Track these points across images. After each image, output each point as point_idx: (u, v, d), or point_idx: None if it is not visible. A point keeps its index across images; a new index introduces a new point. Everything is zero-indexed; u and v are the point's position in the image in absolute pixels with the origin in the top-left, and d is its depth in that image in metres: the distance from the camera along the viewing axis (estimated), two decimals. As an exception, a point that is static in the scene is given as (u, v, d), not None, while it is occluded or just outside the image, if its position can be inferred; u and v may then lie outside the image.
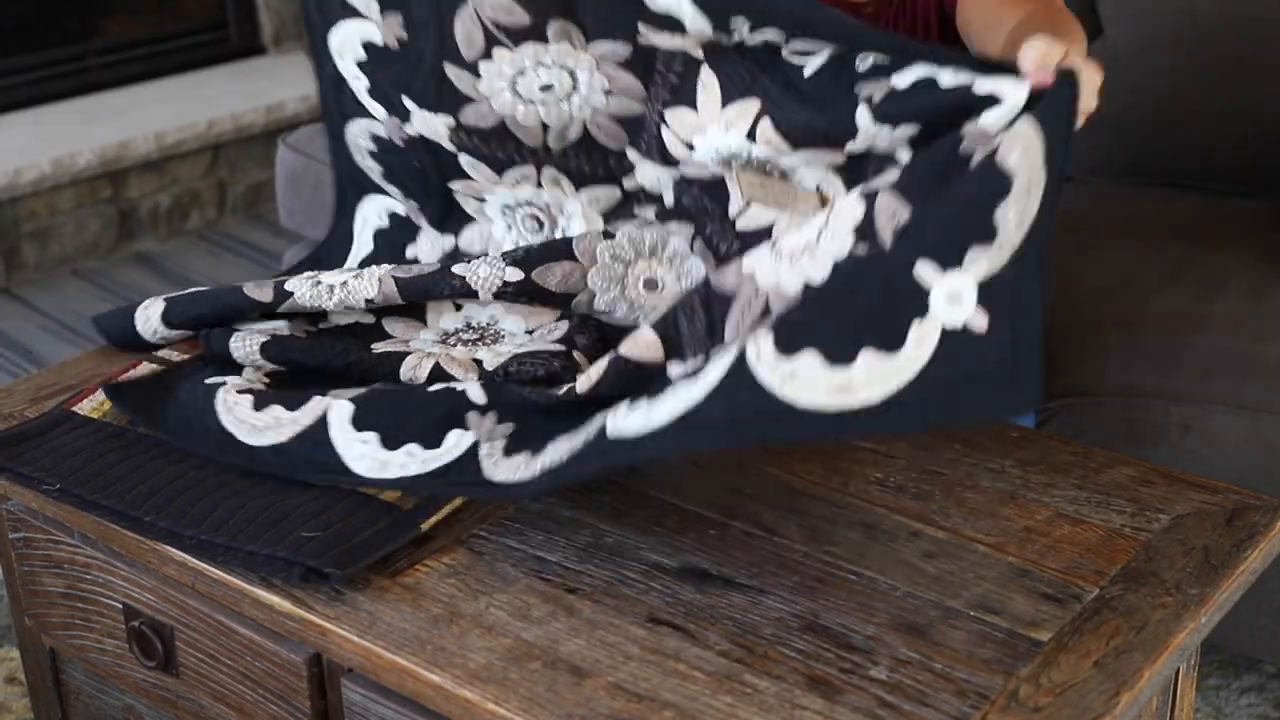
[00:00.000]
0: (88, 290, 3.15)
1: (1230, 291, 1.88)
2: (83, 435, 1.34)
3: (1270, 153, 2.15)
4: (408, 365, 1.38)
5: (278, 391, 1.34)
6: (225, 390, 1.33)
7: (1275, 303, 1.85)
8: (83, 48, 3.50)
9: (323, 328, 1.48)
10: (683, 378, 1.12)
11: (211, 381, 1.35)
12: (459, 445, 1.24)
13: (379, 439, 1.25)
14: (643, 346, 1.25)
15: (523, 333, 1.47)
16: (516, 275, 1.45)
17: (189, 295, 1.51)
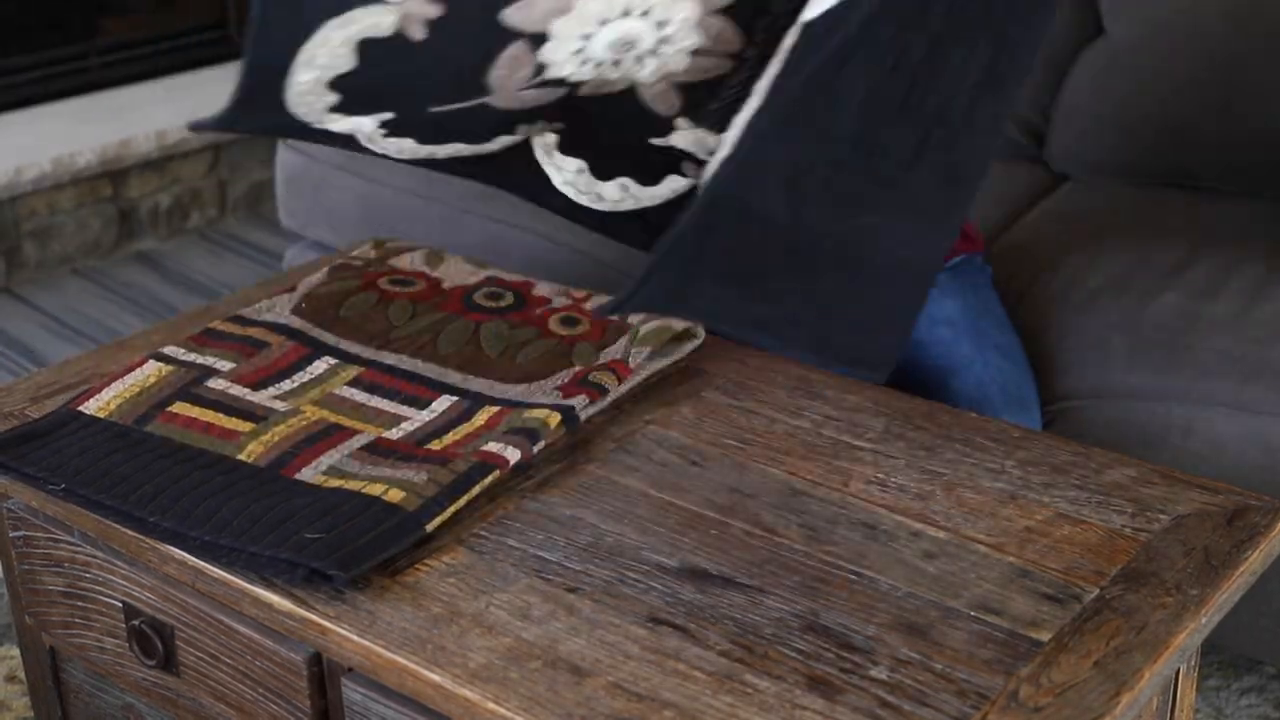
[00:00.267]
0: (88, 289, 3.15)
1: (1231, 292, 1.88)
2: (88, 435, 1.34)
3: (1270, 153, 2.15)
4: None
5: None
6: None
7: (1276, 303, 1.85)
8: (83, 47, 3.50)
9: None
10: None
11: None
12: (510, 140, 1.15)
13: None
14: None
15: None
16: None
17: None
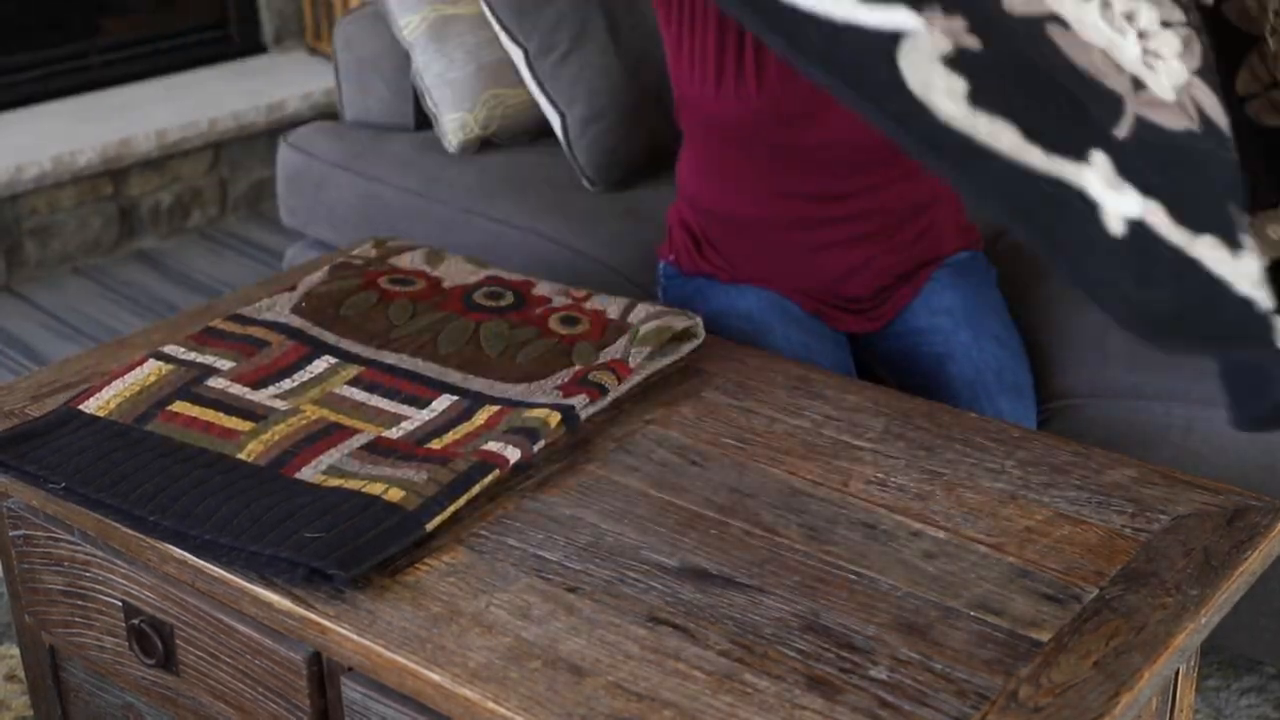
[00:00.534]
0: (89, 288, 3.15)
1: (1231, 292, 1.88)
2: (89, 434, 1.34)
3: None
4: None
5: None
6: None
7: (1276, 303, 1.85)
8: (84, 46, 3.50)
9: None
10: None
11: None
12: None
13: None
14: None
15: None
16: None
17: None
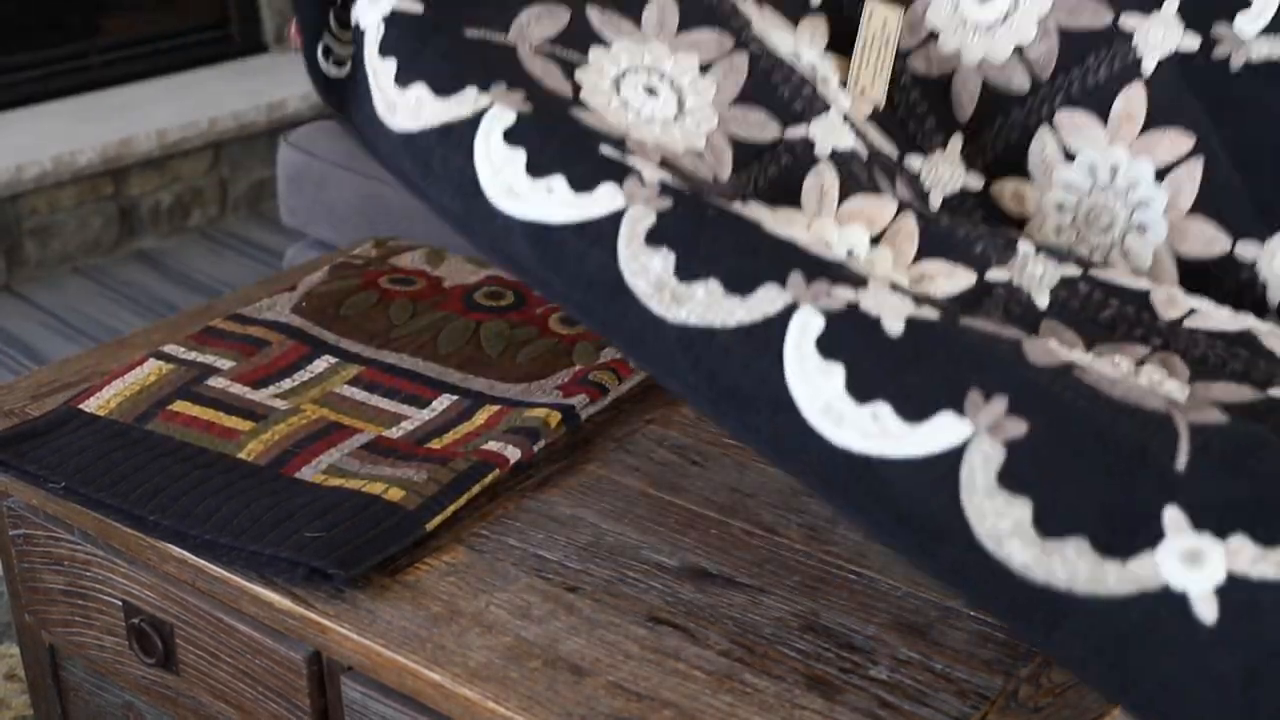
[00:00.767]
0: (89, 288, 3.15)
1: (1232, 293, 1.88)
2: (89, 433, 1.34)
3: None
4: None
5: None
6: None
7: (1277, 304, 1.85)
8: (85, 45, 3.51)
9: None
10: None
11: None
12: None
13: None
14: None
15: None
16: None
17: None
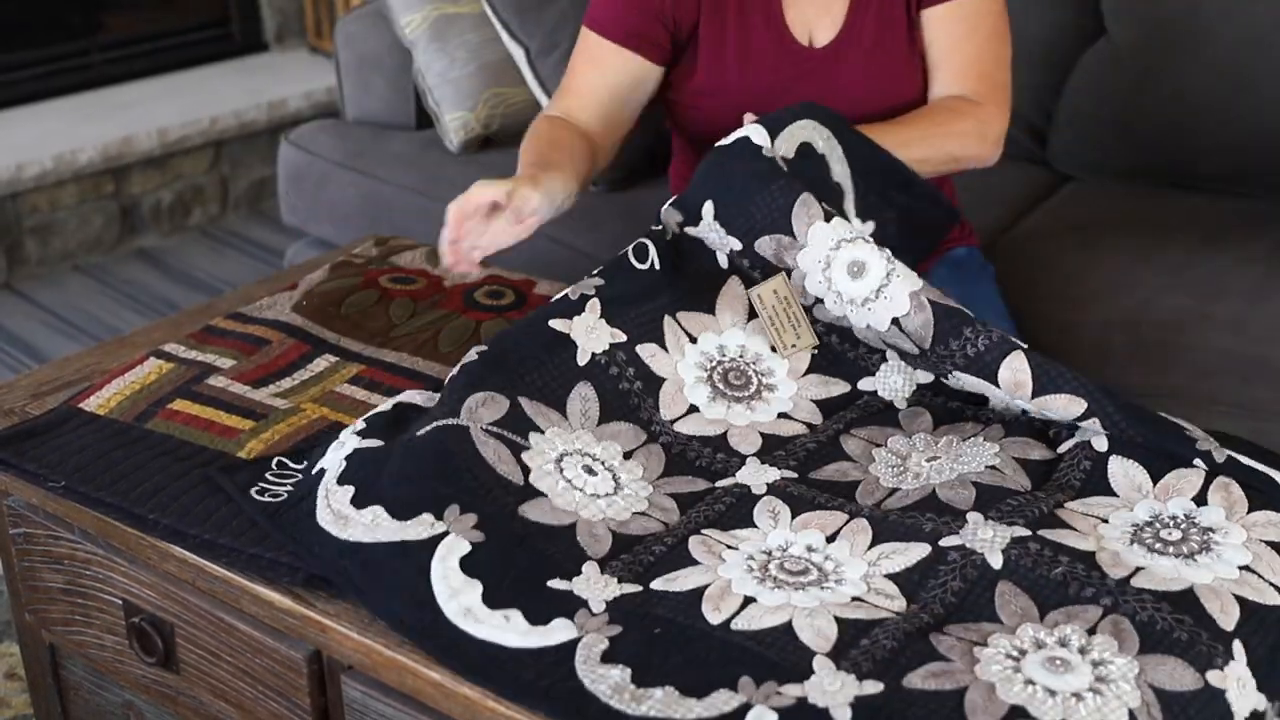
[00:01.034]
0: (89, 286, 3.15)
1: (1231, 292, 1.88)
2: (88, 432, 1.34)
3: (1270, 153, 2.15)
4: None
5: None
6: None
7: (1276, 304, 1.85)
8: (86, 44, 3.51)
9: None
10: None
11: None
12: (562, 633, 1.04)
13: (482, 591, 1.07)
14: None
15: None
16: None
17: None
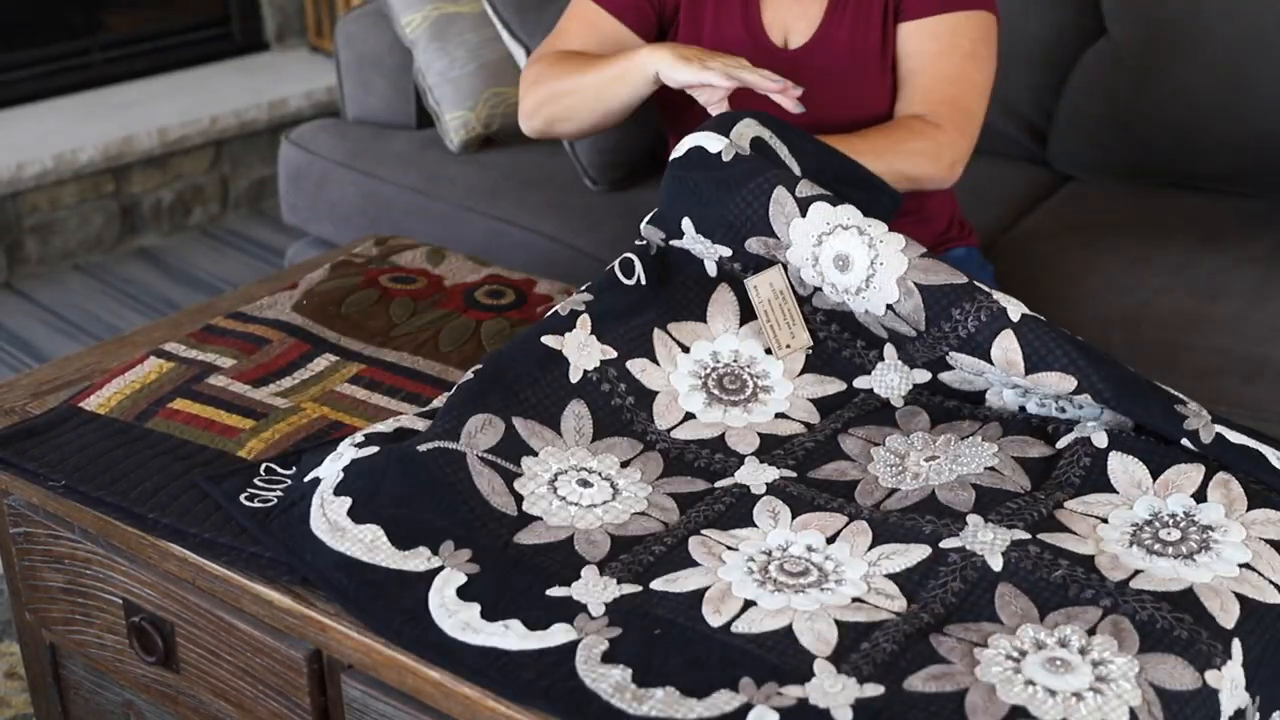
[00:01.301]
0: (90, 285, 3.15)
1: (1231, 292, 1.88)
2: (89, 431, 1.34)
3: (1270, 153, 2.15)
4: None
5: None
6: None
7: (1277, 304, 1.85)
8: (86, 43, 3.51)
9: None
10: None
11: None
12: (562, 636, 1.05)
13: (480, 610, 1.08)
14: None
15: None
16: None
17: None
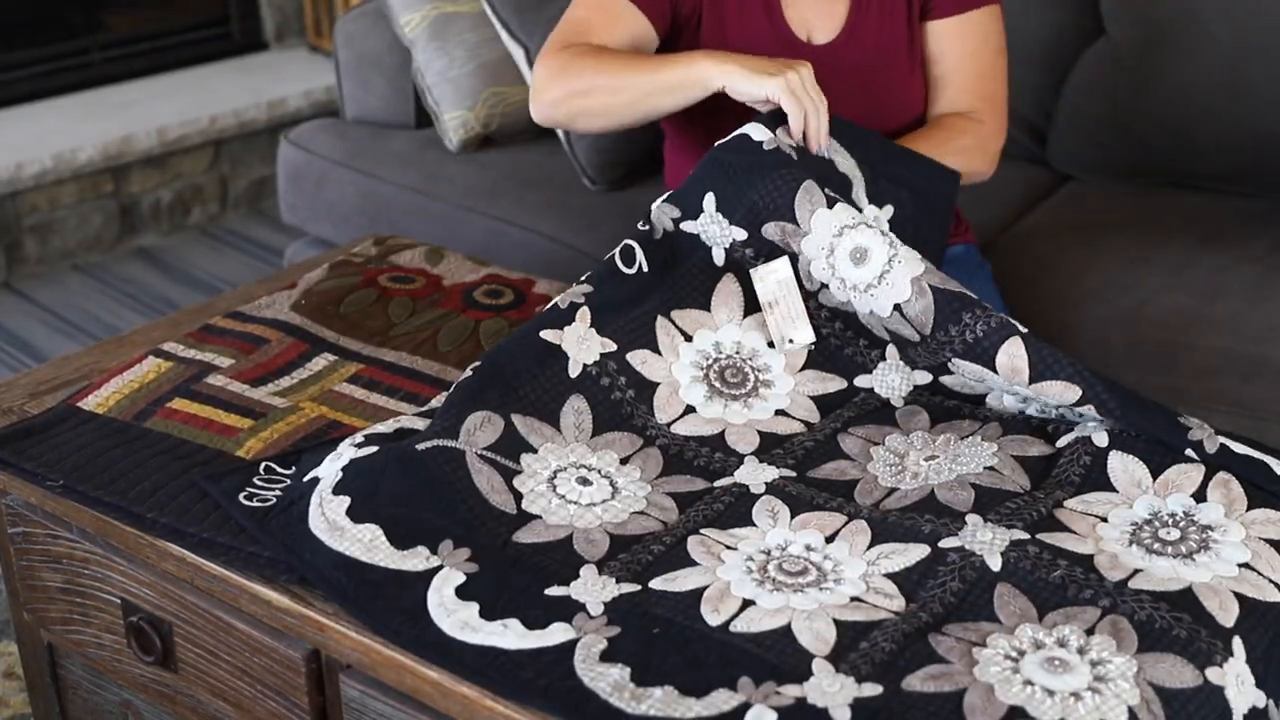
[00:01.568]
0: (89, 285, 3.15)
1: (1231, 292, 1.88)
2: (87, 431, 1.34)
3: (1269, 153, 2.15)
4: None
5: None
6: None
7: (1276, 303, 1.85)
8: (86, 42, 3.50)
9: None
10: None
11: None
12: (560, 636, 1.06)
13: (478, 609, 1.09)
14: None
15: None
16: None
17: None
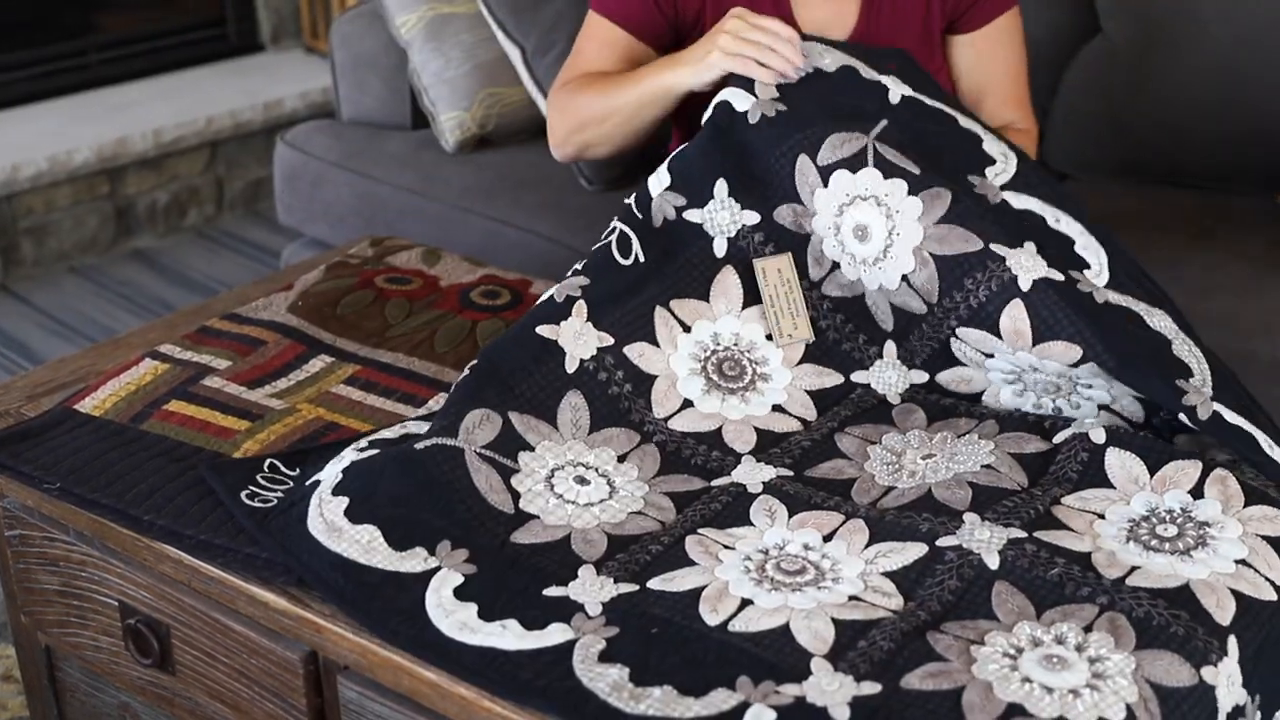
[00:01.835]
0: (85, 287, 3.15)
1: (1223, 288, 1.88)
2: (84, 433, 1.33)
3: (1263, 151, 2.15)
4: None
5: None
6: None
7: (1269, 300, 1.85)
8: (81, 44, 3.50)
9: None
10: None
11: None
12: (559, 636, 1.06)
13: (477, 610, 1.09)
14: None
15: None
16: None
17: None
